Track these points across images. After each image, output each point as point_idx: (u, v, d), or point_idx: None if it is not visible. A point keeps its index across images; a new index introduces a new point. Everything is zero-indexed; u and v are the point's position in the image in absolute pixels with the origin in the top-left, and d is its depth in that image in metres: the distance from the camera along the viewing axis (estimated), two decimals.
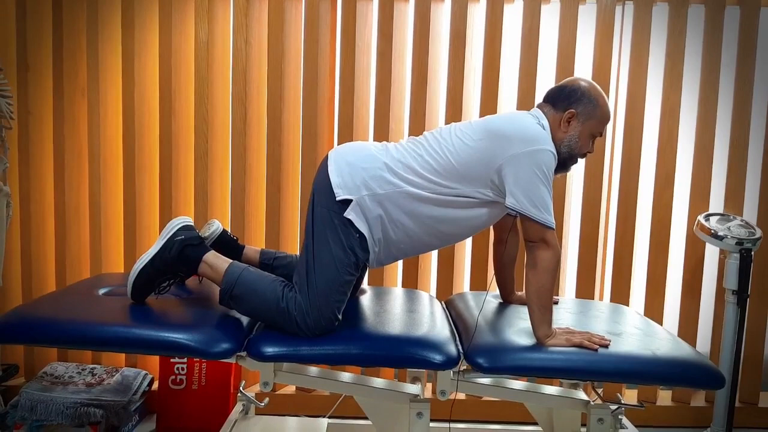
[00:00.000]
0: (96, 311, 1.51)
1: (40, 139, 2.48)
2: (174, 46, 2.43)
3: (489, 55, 2.42)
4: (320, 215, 1.58)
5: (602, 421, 1.68)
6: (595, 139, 1.71)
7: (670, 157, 2.46)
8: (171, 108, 2.44)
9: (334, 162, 1.62)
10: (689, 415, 2.52)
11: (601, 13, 2.40)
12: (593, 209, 2.46)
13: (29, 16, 2.43)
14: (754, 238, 2.21)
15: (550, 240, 1.55)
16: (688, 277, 2.50)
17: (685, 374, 1.50)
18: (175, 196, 2.48)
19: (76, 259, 2.51)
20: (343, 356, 1.50)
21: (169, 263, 1.58)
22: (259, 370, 1.60)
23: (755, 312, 2.49)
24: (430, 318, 1.72)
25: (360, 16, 2.42)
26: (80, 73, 2.47)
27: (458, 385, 1.63)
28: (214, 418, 2.33)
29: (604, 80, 2.42)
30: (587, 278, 2.48)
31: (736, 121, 2.45)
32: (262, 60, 2.47)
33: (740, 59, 2.43)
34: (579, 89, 1.66)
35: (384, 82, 2.42)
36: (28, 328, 1.43)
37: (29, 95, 2.45)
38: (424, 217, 1.60)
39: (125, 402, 2.22)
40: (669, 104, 2.44)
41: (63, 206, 2.48)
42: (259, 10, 2.45)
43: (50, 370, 2.33)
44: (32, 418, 2.14)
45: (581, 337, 1.56)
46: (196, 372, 2.34)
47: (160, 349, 1.43)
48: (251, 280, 1.56)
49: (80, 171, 2.50)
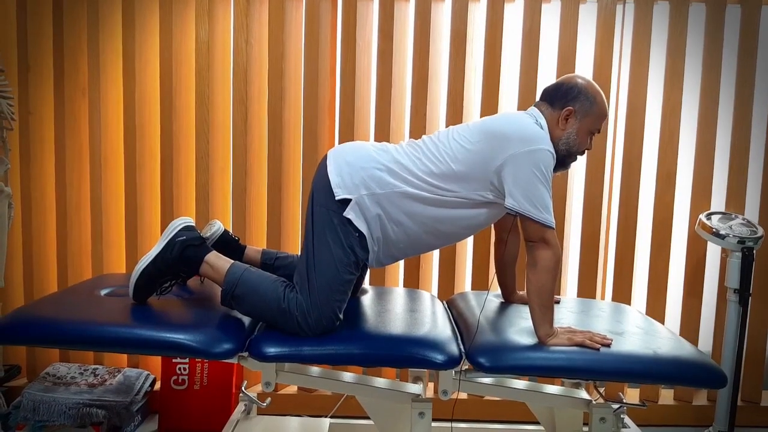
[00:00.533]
0: (98, 312, 1.52)
1: (41, 139, 2.49)
2: (175, 45, 2.43)
3: (489, 54, 2.42)
4: (319, 215, 1.59)
5: (604, 420, 1.68)
6: (594, 135, 1.71)
7: (672, 156, 2.46)
8: (172, 108, 2.44)
9: (334, 161, 1.62)
10: (691, 414, 2.52)
11: (601, 12, 2.40)
12: (594, 208, 2.46)
13: (30, 17, 2.43)
14: (756, 237, 2.21)
15: (550, 239, 1.55)
16: (690, 276, 2.49)
17: (686, 373, 1.50)
18: (176, 197, 2.48)
19: (78, 260, 2.52)
20: (344, 356, 1.50)
21: (170, 264, 1.58)
22: (261, 370, 1.60)
23: (757, 311, 2.49)
24: (432, 318, 1.72)
25: (360, 15, 2.42)
26: (81, 73, 2.47)
27: (460, 384, 1.63)
28: (216, 418, 2.33)
29: (604, 79, 2.42)
30: (589, 277, 2.48)
31: (738, 119, 2.44)
32: (262, 60, 2.47)
33: (741, 58, 2.43)
34: (576, 86, 1.66)
35: (385, 81, 2.42)
36: (30, 328, 1.43)
37: (30, 96, 2.45)
38: (422, 216, 1.60)
39: (127, 402, 2.22)
40: (670, 103, 2.44)
41: (64, 207, 2.48)
42: (260, 10, 2.45)
43: (52, 370, 2.34)
44: (34, 419, 2.14)
45: (583, 336, 1.56)
46: (198, 372, 2.34)
47: (162, 349, 1.43)
48: (252, 280, 1.56)
49: (81, 171, 2.50)
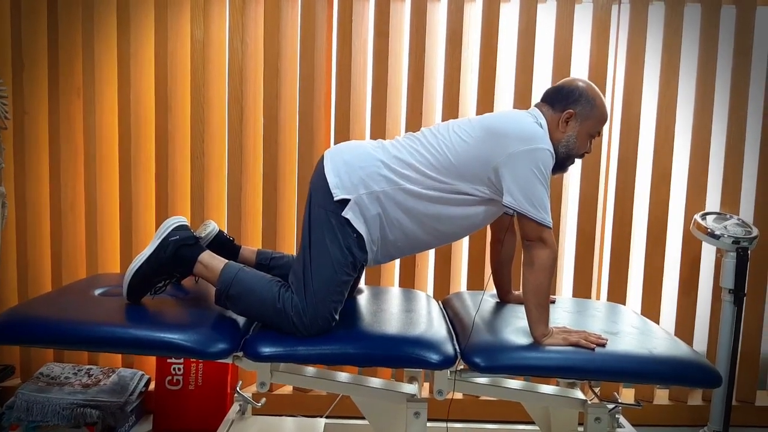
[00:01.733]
0: (92, 311, 1.51)
1: (36, 139, 2.47)
2: (170, 45, 2.42)
3: (485, 53, 2.42)
4: (317, 215, 1.58)
5: (599, 420, 1.68)
6: (593, 139, 1.71)
7: (667, 155, 2.46)
8: (167, 107, 2.43)
9: (331, 161, 1.62)
10: (686, 413, 2.53)
11: (597, 12, 2.40)
12: (590, 208, 2.46)
13: (24, 16, 2.42)
14: (751, 237, 2.21)
15: (547, 239, 1.55)
16: (685, 276, 2.50)
17: (681, 373, 1.51)
18: (172, 196, 2.47)
19: (72, 260, 2.50)
20: (340, 356, 1.50)
21: (164, 263, 1.57)
22: (256, 370, 1.60)
23: (752, 311, 2.50)
24: (427, 317, 1.72)
25: (356, 14, 2.42)
26: (76, 72, 2.46)
27: (455, 384, 1.63)
28: (211, 418, 2.32)
29: (600, 79, 2.42)
30: (584, 277, 2.48)
31: (733, 119, 2.45)
32: (258, 59, 2.46)
33: (736, 58, 2.43)
34: (577, 89, 1.67)
35: (381, 80, 2.42)
36: (24, 328, 1.43)
37: (25, 95, 2.44)
38: (421, 215, 1.60)
39: (122, 403, 2.21)
40: (665, 102, 2.44)
41: (59, 206, 2.47)
42: (255, 10, 2.44)
43: (46, 370, 2.33)
44: (28, 419, 2.13)
45: (578, 336, 1.56)
46: (193, 372, 2.33)
47: (157, 349, 1.42)
48: (247, 280, 1.56)
49: (76, 171, 2.49)
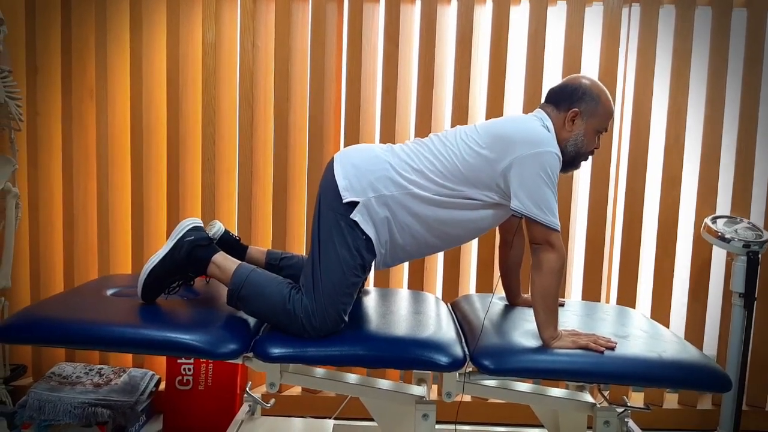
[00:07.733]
0: (103, 312, 1.52)
1: (49, 140, 2.50)
2: (181, 48, 2.44)
3: (495, 57, 2.42)
4: (327, 218, 1.59)
5: (608, 423, 1.68)
6: (601, 135, 1.71)
7: (677, 159, 2.45)
8: (178, 110, 2.45)
9: (340, 164, 1.63)
10: (696, 418, 2.51)
11: (607, 15, 2.40)
12: (599, 211, 2.46)
13: (38, 18, 2.45)
14: (761, 241, 2.20)
15: (555, 242, 1.55)
16: (695, 280, 2.49)
17: (691, 377, 1.50)
18: (183, 198, 2.49)
19: (84, 260, 2.53)
20: (349, 357, 1.51)
21: (178, 264, 1.59)
22: (266, 371, 1.60)
23: (762, 314, 2.48)
24: (436, 320, 1.73)
25: (366, 18, 2.43)
26: (88, 74, 2.48)
27: (464, 387, 1.63)
28: (221, 418, 2.33)
29: (610, 82, 2.42)
30: (593, 280, 2.48)
31: (743, 123, 2.44)
32: (269, 62, 2.48)
33: (747, 61, 2.42)
34: (580, 87, 1.66)
35: (390, 84, 2.43)
36: (36, 328, 1.44)
37: (38, 97, 2.47)
38: (429, 219, 1.60)
39: (132, 402, 2.23)
40: (675, 106, 2.44)
41: (71, 207, 2.50)
42: (266, 13, 2.46)
43: (58, 370, 2.35)
44: (40, 418, 2.15)
45: (587, 339, 1.55)
46: (203, 372, 2.35)
47: (167, 349, 1.43)
48: (259, 281, 1.57)
49: (88, 172, 2.51)
